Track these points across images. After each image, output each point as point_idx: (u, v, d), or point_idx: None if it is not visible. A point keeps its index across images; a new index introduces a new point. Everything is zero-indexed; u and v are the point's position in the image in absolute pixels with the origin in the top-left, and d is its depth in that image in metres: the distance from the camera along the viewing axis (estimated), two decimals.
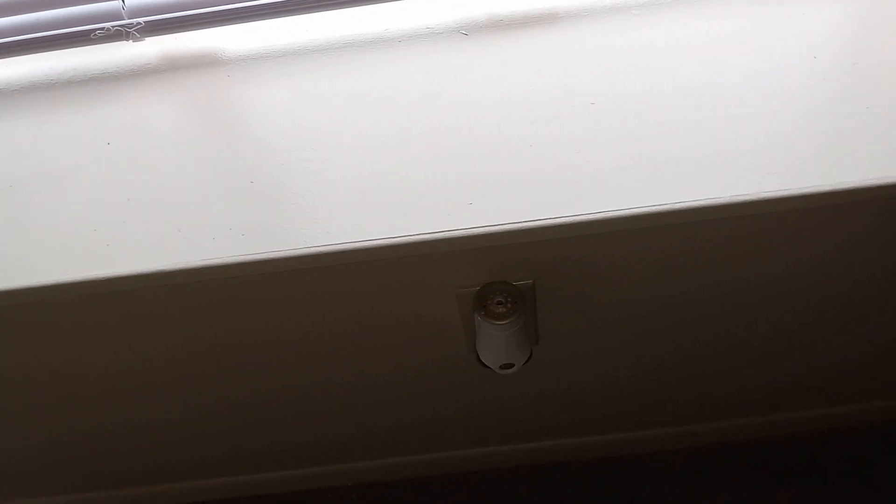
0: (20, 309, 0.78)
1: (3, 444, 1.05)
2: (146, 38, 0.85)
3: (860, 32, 0.80)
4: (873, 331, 0.98)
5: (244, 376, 0.94)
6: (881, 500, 1.13)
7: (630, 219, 0.68)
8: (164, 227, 0.73)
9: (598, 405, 1.10)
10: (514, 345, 0.79)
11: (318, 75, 0.84)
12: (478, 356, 0.83)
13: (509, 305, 0.76)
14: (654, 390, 1.07)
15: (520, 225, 0.69)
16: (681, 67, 0.78)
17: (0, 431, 1.02)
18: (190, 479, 1.19)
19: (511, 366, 0.82)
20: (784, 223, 0.76)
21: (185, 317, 0.82)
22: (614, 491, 1.19)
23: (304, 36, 0.88)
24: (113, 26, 0.83)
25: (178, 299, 0.79)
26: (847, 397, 1.15)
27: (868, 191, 0.67)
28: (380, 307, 0.83)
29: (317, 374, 0.95)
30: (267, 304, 0.81)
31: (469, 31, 0.85)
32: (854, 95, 0.74)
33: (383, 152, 0.76)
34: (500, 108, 0.78)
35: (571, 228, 0.69)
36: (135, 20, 0.83)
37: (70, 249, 0.72)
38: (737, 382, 1.07)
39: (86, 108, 0.85)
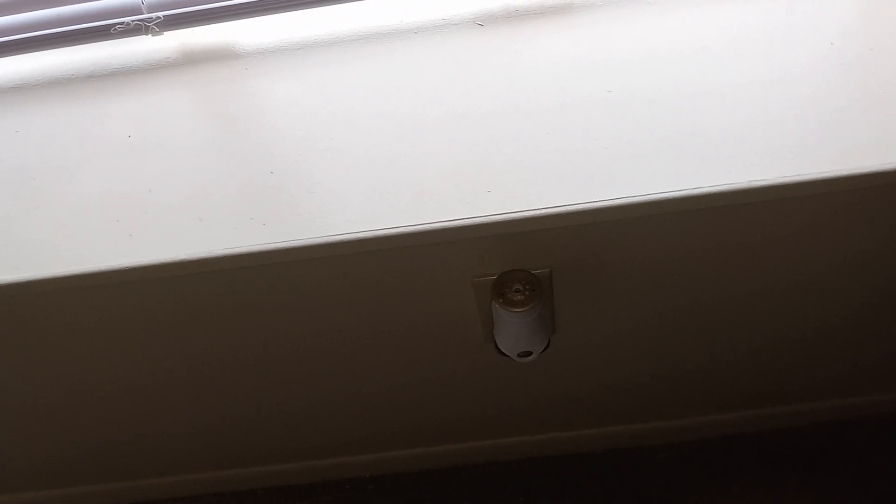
0: (45, 298, 0.79)
1: (24, 434, 1.07)
2: (165, 33, 0.86)
3: (877, 18, 0.80)
4: (884, 322, 0.98)
5: (261, 365, 0.95)
6: (890, 490, 1.13)
7: (647, 205, 0.69)
8: (186, 218, 0.74)
9: (610, 396, 1.10)
10: (532, 332, 0.80)
11: (336, 67, 0.84)
12: (496, 345, 0.84)
13: (527, 293, 0.76)
14: (666, 382, 1.07)
15: (537, 212, 0.69)
16: (696, 55, 0.79)
17: (22, 421, 1.03)
18: (207, 470, 1.20)
19: (529, 354, 0.82)
20: (801, 211, 0.77)
21: (206, 306, 0.83)
22: (626, 482, 1.19)
23: (320, 29, 0.89)
24: (132, 21, 0.84)
25: (199, 288, 0.80)
26: (856, 389, 1.14)
27: (890, 175, 0.67)
28: (397, 296, 0.84)
29: (333, 363, 0.96)
30: (287, 292, 0.81)
31: (485, 21, 0.86)
32: (872, 81, 0.74)
33: (401, 142, 0.76)
34: (516, 97, 0.78)
35: (588, 215, 0.69)
36: (154, 14, 0.84)
37: (94, 240, 0.73)
38: (749, 375, 1.07)
39: (107, 101, 0.86)
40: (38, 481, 1.20)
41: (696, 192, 0.68)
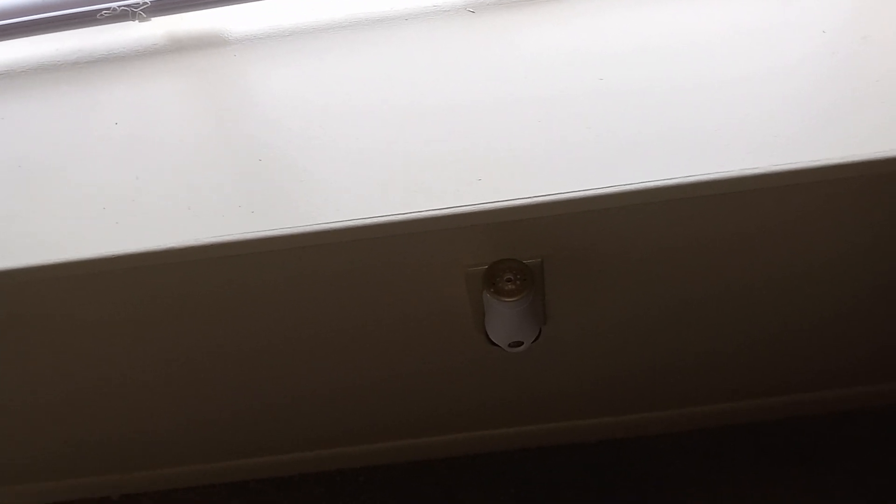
0: (31, 286, 0.78)
1: (16, 427, 1.06)
2: (152, 18, 0.85)
3: (869, 5, 0.79)
4: (882, 314, 0.98)
5: (252, 357, 0.94)
6: (888, 484, 1.13)
7: (639, 193, 0.68)
8: (174, 205, 0.73)
9: (604, 387, 1.10)
10: (523, 322, 0.79)
11: (325, 54, 0.83)
12: (486, 335, 0.84)
13: (518, 283, 0.76)
14: (660, 373, 1.07)
15: (528, 200, 0.69)
16: (689, 43, 0.78)
17: (14, 414, 1.03)
18: (198, 461, 1.20)
19: (520, 344, 0.82)
20: (794, 200, 0.76)
21: (194, 295, 0.82)
22: (622, 473, 1.19)
23: (310, 15, 0.87)
24: (119, 6, 0.83)
25: (187, 277, 0.79)
26: (855, 380, 1.15)
27: (880, 163, 0.66)
28: (388, 286, 0.83)
29: (324, 354, 0.95)
30: (276, 281, 0.81)
31: (476, 8, 0.85)
32: (864, 70, 0.74)
33: (391, 130, 0.76)
34: (507, 85, 0.77)
35: (580, 204, 0.69)
36: (141, 0, 0.83)
37: (80, 228, 0.72)
38: (744, 365, 1.07)
39: (93, 88, 0.85)
40: (29, 473, 1.20)
41: (687, 180, 0.68)
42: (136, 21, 0.84)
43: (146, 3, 0.83)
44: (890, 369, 1.12)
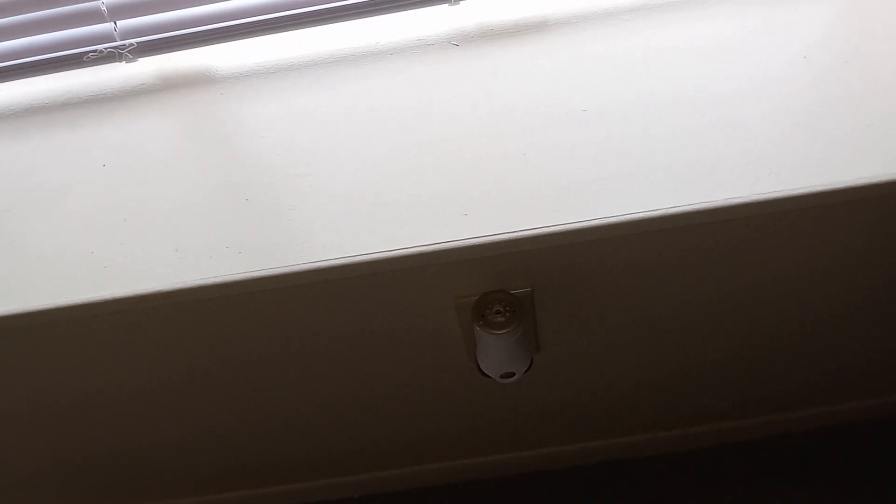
0: (19, 333, 0.78)
1: (9, 462, 1.05)
2: (139, 59, 0.86)
3: (851, 31, 0.80)
4: (871, 329, 0.98)
5: (243, 393, 0.94)
6: (883, 497, 1.13)
7: (625, 224, 0.68)
8: (162, 247, 0.73)
9: (600, 410, 1.10)
10: (514, 353, 0.79)
11: (311, 90, 0.84)
12: (478, 366, 0.83)
13: (508, 314, 0.76)
14: (655, 394, 1.07)
15: (515, 234, 0.69)
16: (671, 72, 0.79)
17: (6, 450, 1.02)
18: (191, 495, 1.19)
19: (512, 374, 0.82)
20: (779, 225, 0.76)
21: (184, 336, 0.82)
22: (618, 494, 1.19)
23: (295, 52, 0.88)
24: (106, 48, 0.84)
25: (176, 319, 0.79)
26: (847, 395, 1.14)
27: (862, 190, 0.67)
28: (378, 320, 0.83)
29: (317, 388, 0.95)
30: (266, 320, 0.81)
31: (460, 41, 0.86)
32: (845, 94, 0.74)
33: (377, 165, 0.76)
34: (492, 118, 0.78)
35: (567, 236, 0.69)
36: (127, 41, 0.84)
37: (68, 272, 0.72)
38: (737, 384, 1.07)
39: (81, 129, 0.85)
40: None
41: (673, 210, 0.68)
42: (124, 62, 0.85)
43: (132, 44, 0.83)
44: (881, 384, 1.12)
